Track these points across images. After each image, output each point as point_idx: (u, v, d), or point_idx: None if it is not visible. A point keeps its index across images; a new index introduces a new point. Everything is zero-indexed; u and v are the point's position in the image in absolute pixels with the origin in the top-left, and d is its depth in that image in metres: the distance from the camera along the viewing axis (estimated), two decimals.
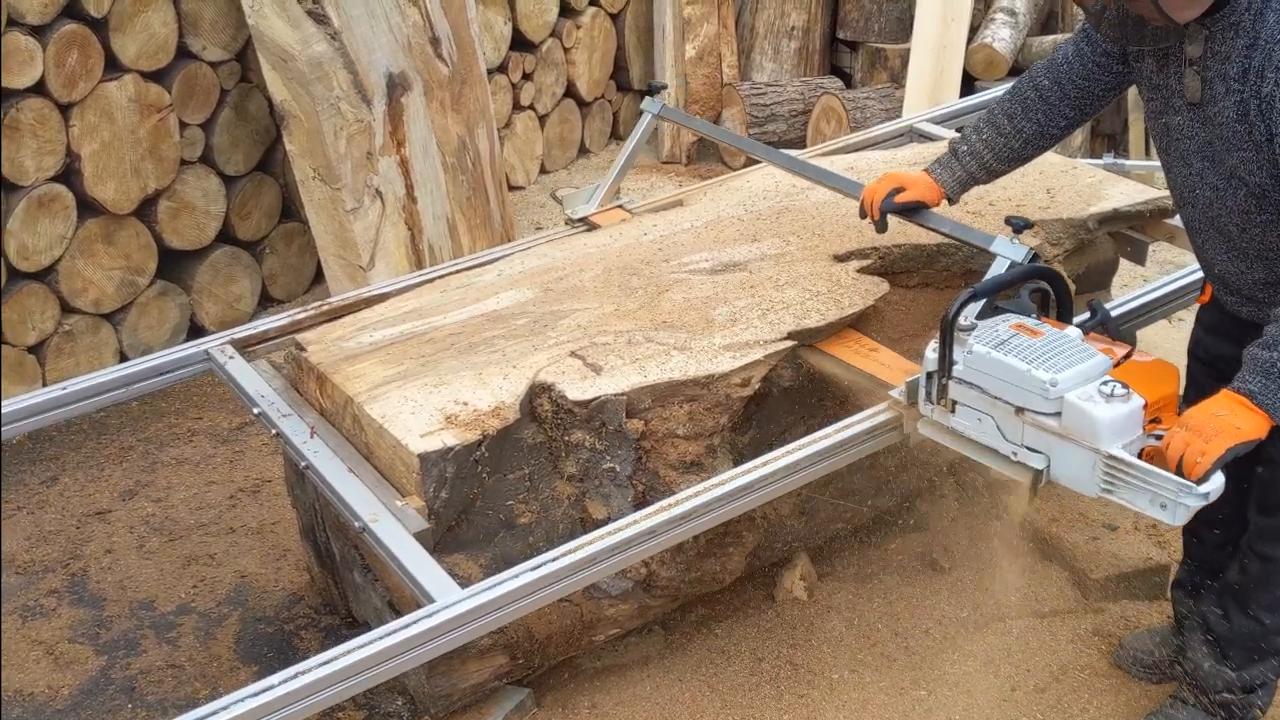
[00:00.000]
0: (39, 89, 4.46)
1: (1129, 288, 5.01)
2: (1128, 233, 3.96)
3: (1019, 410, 2.69)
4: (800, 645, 3.61)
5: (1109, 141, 6.62)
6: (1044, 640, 3.64)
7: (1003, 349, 2.70)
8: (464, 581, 2.92)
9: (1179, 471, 2.51)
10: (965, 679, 3.50)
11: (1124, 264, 4.20)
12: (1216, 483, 2.49)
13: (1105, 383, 2.60)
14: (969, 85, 6.88)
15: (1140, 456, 2.59)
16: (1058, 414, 2.63)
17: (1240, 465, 2.79)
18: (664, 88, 4.27)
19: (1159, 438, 2.60)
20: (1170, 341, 4.90)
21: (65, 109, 4.57)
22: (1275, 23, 2.51)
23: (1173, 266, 5.39)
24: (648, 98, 4.23)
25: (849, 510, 3.77)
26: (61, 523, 4.29)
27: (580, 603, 3.29)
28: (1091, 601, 3.78)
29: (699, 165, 7.39)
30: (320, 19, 4.80)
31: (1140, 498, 2.56)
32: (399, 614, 3.17)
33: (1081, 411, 2.58)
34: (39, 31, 4.41)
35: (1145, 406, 2.61)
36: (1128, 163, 4.41)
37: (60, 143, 4.57)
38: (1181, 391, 3.20)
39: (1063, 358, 2.65)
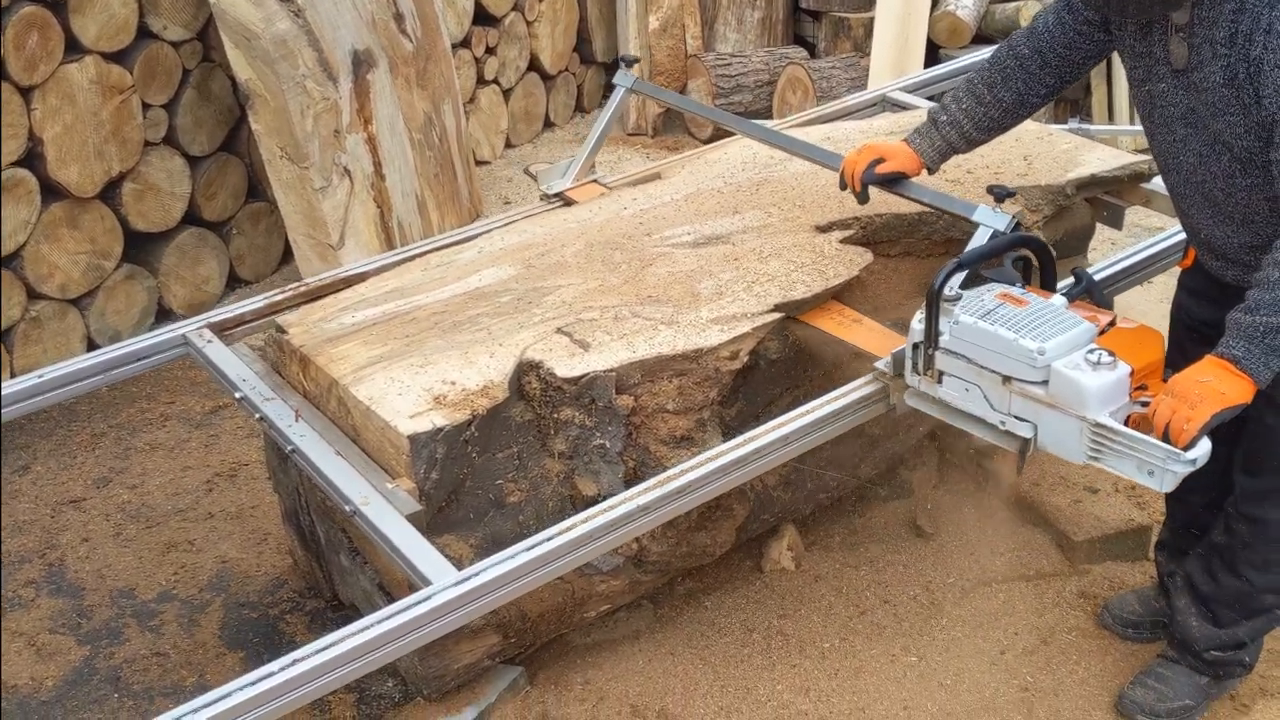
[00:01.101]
0: None
1: (1100, 251, 5.04)
2: (1104, 198, 3.97)
3: (1006, 379, 2.69)
4: (790, 615, 3.62)
5: (1072, 107, 6.64)
6: (1030, 603, 3.67)
7: (989, 318, 2.69)
8: (456, 563, 2.90)
9: (1166, 438, 2.52)
10: (955, 644, 3.53)
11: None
12: (1203, 449, 2.51)
13: (1092, 351, 2.61)
14: (933, 53, 6.89)
15: (1127, 423, 2.60)
16: (1045, 383, 2.63)
17: (1226, 428, 2.82)
18: (636, 60, 4.24)
19: (1145, 404, 2.61)
20: (1145, 303, 4.94)
21: (26, 92, 4.49)
22: None
23: (1143, 230, 5.43)
24: (620, 71, 4.20)
25: (835, 480, 3.77)
26: (36, 512, 4.24)
27: (572, 580, 3.27)
28: (1075, 564, 3.81)
29: (665, 137, 7.37)
30: None
31: (1127, 465, 2.57)
32: (390, 596, 3.16)
33: (1068, 380, 2.58)
34: None
35: (1131, 374, 2.61)
36: (1092, 128, 4.42)
37: (22, 126, 4.49)
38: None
39: (1049, 326, 2.65)
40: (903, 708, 3.33)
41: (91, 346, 4.92)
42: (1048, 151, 3.97)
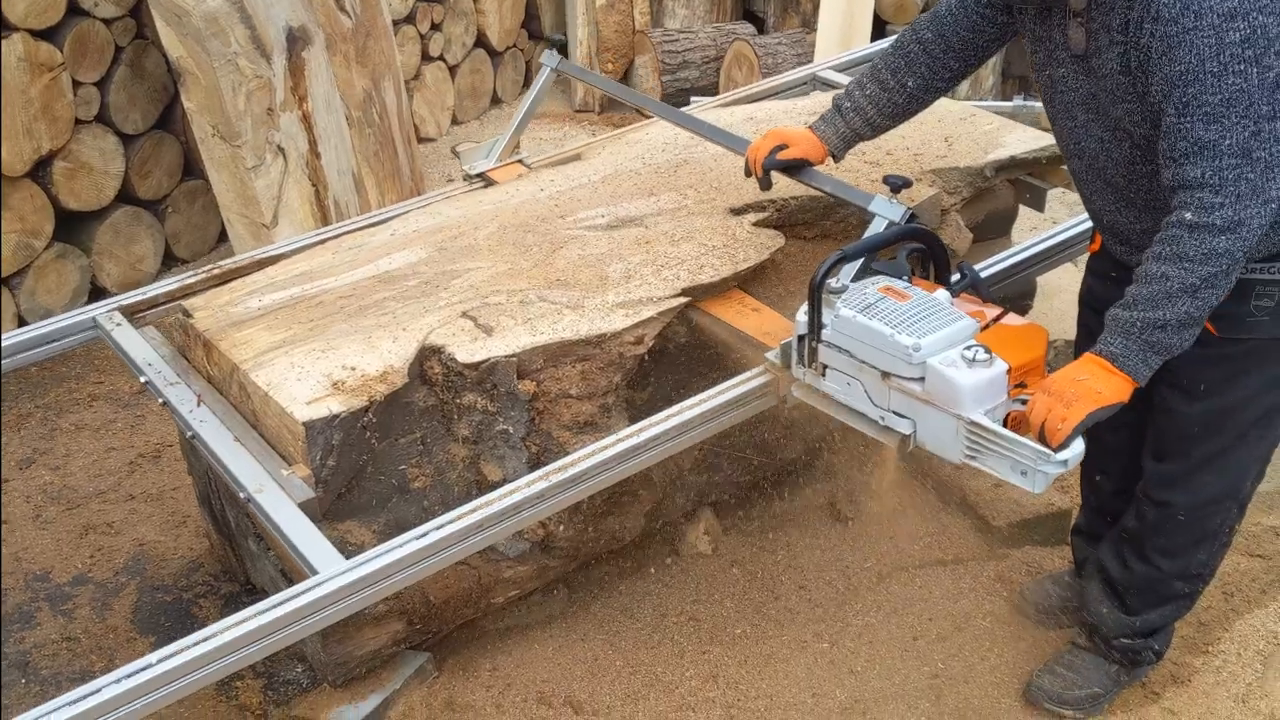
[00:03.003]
0: None
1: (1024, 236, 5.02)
2: (1026, 179, 3.95)
3: (885, 375, 2.65)
4: (703, 600, 3.60)
5: (1020, 83, 6.61)
6: (946, 588, 3.65)
7: (868, 313, 2.66)
8: (355, 549, 2.88)
9: (1041, 438, 2.50)
10: (868, 629, 3.52)
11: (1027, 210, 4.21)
12: (1076, 449, 2.48)
13: (969, 347, 2.56)
14: (880, 30, 6.85)
15: (1006, 422, 2.58)
16: (921, 379, 2.60)
17: (1135, 413, 2.81)
18: (562, 41, 4.20)
19: (1025, 403, 2.58)
20: (1076, 284, 4.91)
21: None
22: None
23: (1079, 210, 5.41)
24: (546, 51, 4.16)
25: (752, 463, 3.75)
26: None
27: (478, 565, 3.26)
28: (994, 548, 3.80)
29: (612, 114, 7.32)
30: None
31: (1002, 465, 2.54)
32: (291, 582, 3.13)
33: (943, 377, 2.55)
34: None
35: (1010, 371, 2.57)
36: (1038, 105, 4.38)
37: None
38: (1070, 339, 3.21)
39: (928, 322, 2.62)
40: (811, 695, 3.32)
41: (21, 325, 4.87)
42: (969, 133, 3.95)
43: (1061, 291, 4.81)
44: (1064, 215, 5.25)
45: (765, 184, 3.28)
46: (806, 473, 3.98)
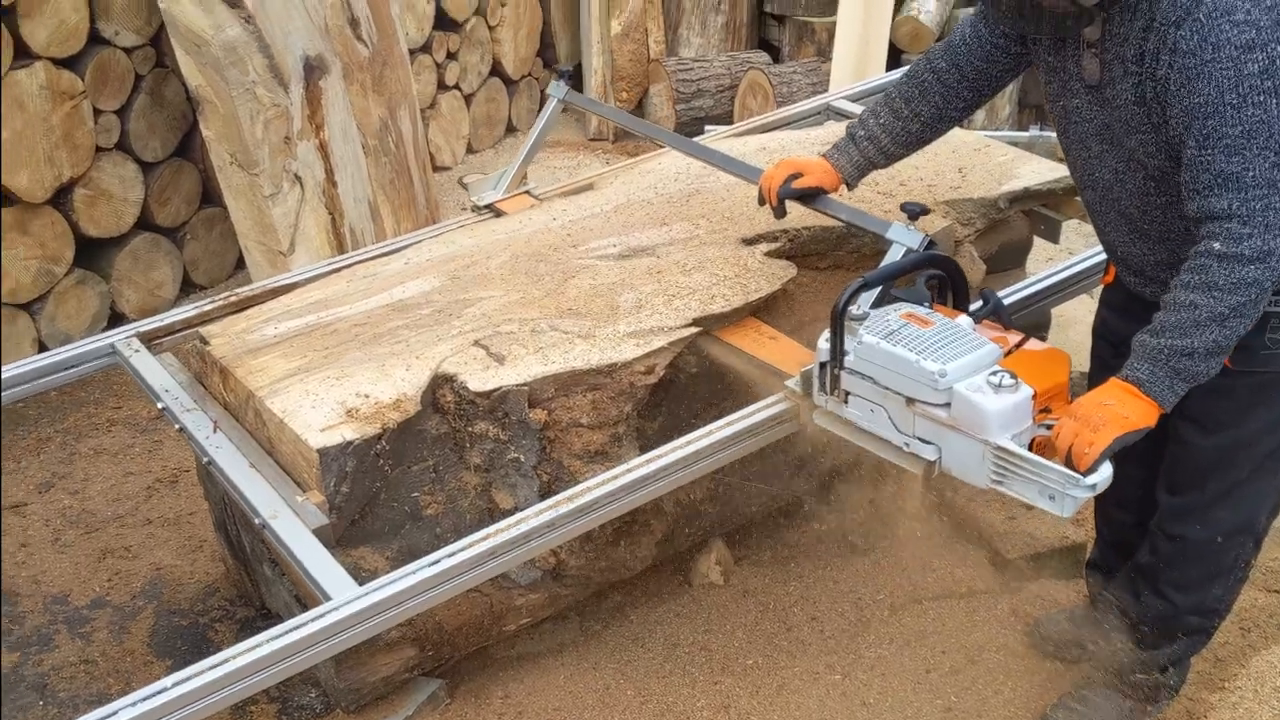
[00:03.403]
0: None
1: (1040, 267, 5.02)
2: (1041, 210, 3.95)
3: (910, 401, 2.65)
4: (715, 631, 3.60)
5: (1036, 113, 6.62)
6: (960, 621, 3.64)
7: (892, 339, 2.66)
8: (369, 575, 2.90)
9: (1068, 462, 2.50)
10: (880, 662, 3.51)
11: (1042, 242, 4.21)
12: (1104, 474, 2.48)
13: (994, 373, 2.57)
14: (896, 59, 6.87)
15: (1031, 447, 2.58)
16: (947, 405, 2.60)
17: (1149, 446, 2.80)
18: (568, 71, 4.23)
19: (1050, 427, 2.58)
20: (1091, 316, 4.91)
21: None
22: (1169, 4, 2.50)
23: (1094, 241, 5.41)
24: (553, 82, 4.19)
25: (765, 494, 3.76)
26: None
27: (490, 593, 3.27)
28: (1008, 581, 3.78)
29: (626, 143, 7.34)
30: (233, 2, 4.73)
31: (1029, 489, 2.54)
32: (305, 608, 3.15)
33: (969, 402, 2.55)
34: None
35: (1035, 396, 2.57)
36: (1054, 135, 4.38)
37: None
38: (1086, 371, 3.21)
39: (952, 347, 2.62)
40: None
41: (43, 350, 4.91)
42: (983, 164, 3.96)
43: (1077, 323, 4.81)
44: (1081, 246, 5.25)
45: (780, 212, 3.28)
46: (819, 504, 3.97)
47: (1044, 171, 3.92)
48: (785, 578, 3.78)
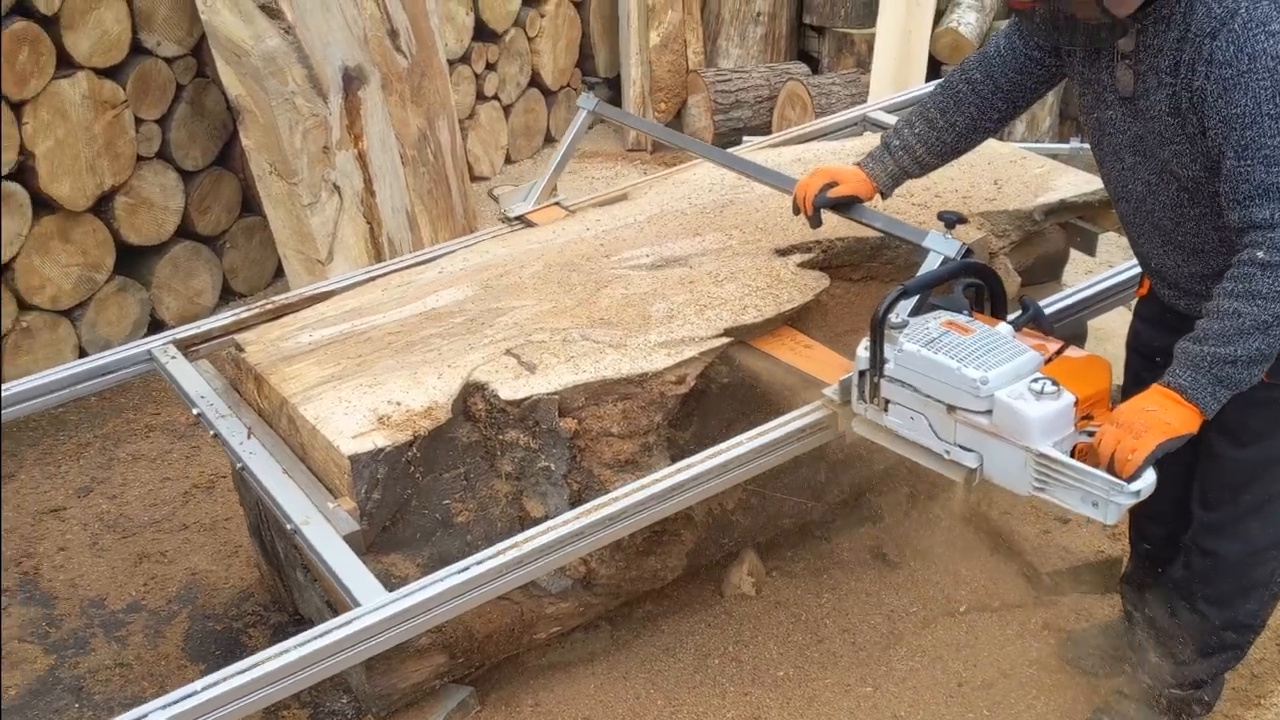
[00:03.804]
0: None
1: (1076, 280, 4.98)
2: (1077, 223, 3.94)
3: (951, 408, 2.65)
4: (746, 642, 3.60)
5: (1077, 125, 6.58)
6: (993, 635, 3.62)
7: (933, 347, 2.66)
8: (400, 581, 2.91)
9: (1110, 469, 2.49)
10: (912, 674, 3.49)
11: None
12: (1148, 480, 2.47)
13: (1036, 380, 2.57)
14: (935, 70, 6.85)
15: (1073, 454, 2.57)
16: (989, 412, 2.60)
17: (1184, 460, 2.78)
18: (598, 83, 4.25)
19: (1091, 434, 2.57)
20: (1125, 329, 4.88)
21: (17, 107, 4.54)
22: (1204, 15, 2.49)
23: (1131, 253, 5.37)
24: (583, 94, 4.20)
25: (798, 505, 3.75)
26: (16, 520, 4.27)
27: (520, 601, 3.28)
28: (1042, 595, 3.76)
29: (664, 154, 7.33)
30: (273, 13, 4.77)
31: (1072, 496, 2.53)
32: (336, 614, 3.16)
33: (1011, 409, 2.55)
34: None
35: (1076, 403, 2.57)
36: None
37: (13, 141, 4.53)
38: (1120, 384, 3.19)
39: (993, 355, 2.62)
40: None
41: (83, 357, 4.95)
42: (1019, 175, 3.94)
43: (1114, 336, 4.77)
44: (1118, 259, 5.22)
45: (815, 221, 3.28)
46: (852, 515, 3.96)
47: (1080, 184, 3.90)
48: (818, 589, 3.77)
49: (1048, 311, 3.45)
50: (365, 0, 5.13)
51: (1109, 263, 5.01)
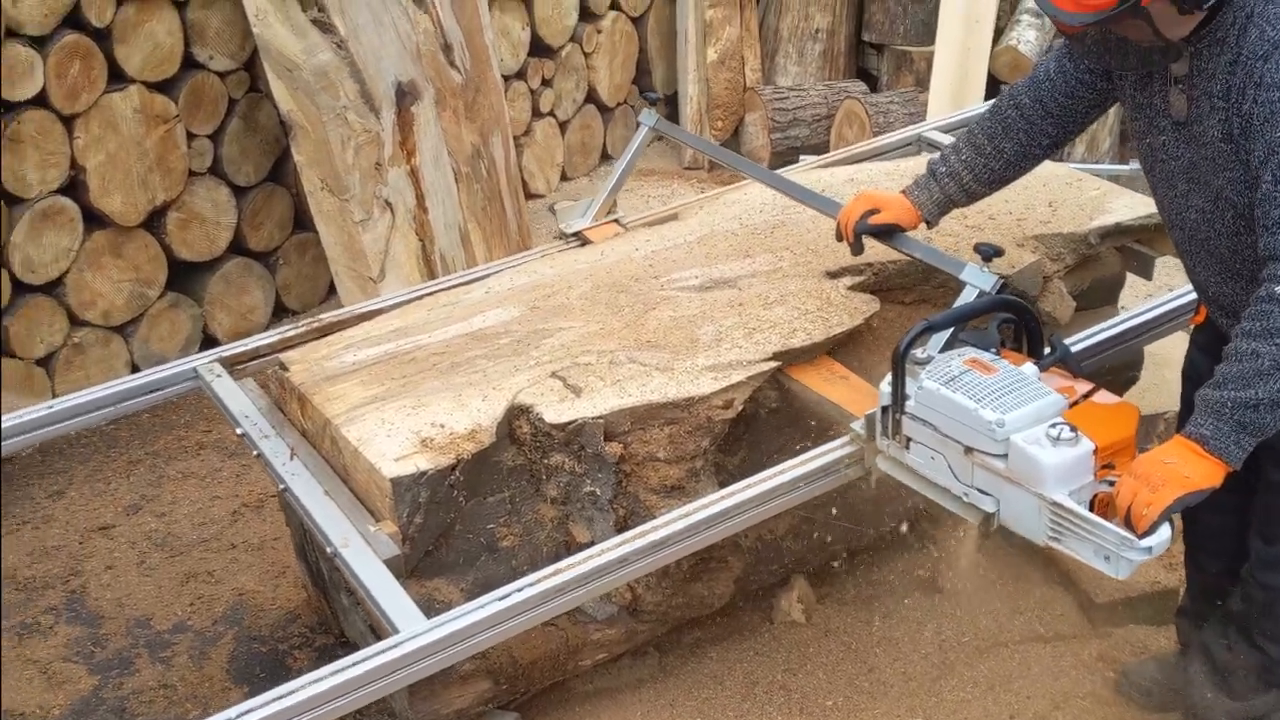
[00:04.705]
0: (40, 101, 4.44)
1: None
2: (1133, 246, 3.86)
3: (968, 450, 2.59)
4: (795, 670, 3.54)
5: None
6: (1046, 665, 3.55)
7: (953, 385, 2.60)
8: (443, 606, 2.88)
9: (1127, 522, 2.41)
10: (963, 706, 3.42)
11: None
12: (1162, 536, 2.39)
13: (1054, 425, 2.49)
14: (994, 89, 6.77)
15: (1093, 504, 2.50)
16: (1004, 456, 2.53)
17: (1241, 492, 2.70)
18: (658, 99, 4.22)
19: (1113, 484, 2.49)
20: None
21: (68, 121, 4.56)
22: (1257, 39, 2.43)
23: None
24: (644, 111, 4.17)
25: (849, 531, 3.69)
26: (65, 538, 4.28)
27: (566, 627, 3.24)
28: (1097, 626, 3.68)
29: (721, 172, 7.27)
30: (326, 27, 4.78)
31: (1085, 548, 2.48)
32: (378, 638, 3.14)
33: (1026, 455, 2.48)
34: (39, 42, 4.40)
35: (1096, 451, 2.49)
36: None
37: (64, 155, 4.56)
38: (1173, 413, 3.12)
39: (1014, 396, 2.55)
40: None
41: (135, 373, 4.97)
42: (1074, 198, 3.87)
43: (1173, 363, 4.67)
44: (1177, 282, 5.12)
45: (857, 249, 3.24)
46: (904, 542, 3.90)
47: (1137, 206, 3.82)
48: (869, 617, 3.70)
49: (1101, 337, 3.39)
50: (419, 15, 5.13)
51: (1168, 286, 4.92)
